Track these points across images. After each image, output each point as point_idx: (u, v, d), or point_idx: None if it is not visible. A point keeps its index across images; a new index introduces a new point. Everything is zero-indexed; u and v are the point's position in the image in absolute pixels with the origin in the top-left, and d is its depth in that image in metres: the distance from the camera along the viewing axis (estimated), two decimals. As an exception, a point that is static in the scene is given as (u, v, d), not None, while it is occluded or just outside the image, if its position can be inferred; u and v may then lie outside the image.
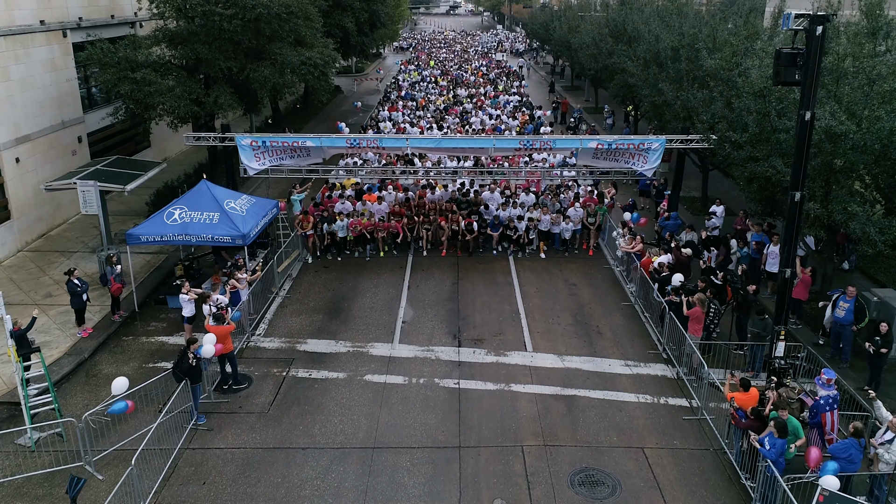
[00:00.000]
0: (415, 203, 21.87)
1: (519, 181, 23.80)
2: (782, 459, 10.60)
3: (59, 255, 20.81)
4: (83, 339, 15.97)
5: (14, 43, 20.96)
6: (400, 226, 20.75)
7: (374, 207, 20.82)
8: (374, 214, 20.81)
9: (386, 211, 20.89)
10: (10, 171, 20.69)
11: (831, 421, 11.25)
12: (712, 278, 16.22)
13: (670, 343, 15.44)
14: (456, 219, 20.67)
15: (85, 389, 14.35)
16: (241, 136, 20.56)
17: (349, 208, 21.17)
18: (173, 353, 14.91)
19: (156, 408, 12.96)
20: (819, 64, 11.86)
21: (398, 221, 20.78)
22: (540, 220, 20.84)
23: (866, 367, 14.12)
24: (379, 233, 20.33)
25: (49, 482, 11.53)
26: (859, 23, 15.88)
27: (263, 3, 21.52)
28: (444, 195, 22.43)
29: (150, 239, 17.03)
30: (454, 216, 20.77)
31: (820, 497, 9.81)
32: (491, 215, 21.27)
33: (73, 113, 23.97)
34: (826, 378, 11.48)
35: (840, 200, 13.90)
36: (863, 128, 13.41)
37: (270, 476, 11.71)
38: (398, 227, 20.48)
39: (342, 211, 21.03)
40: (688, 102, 20.32)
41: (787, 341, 13.36)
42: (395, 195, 22.44)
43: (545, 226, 20.91)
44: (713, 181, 25.59)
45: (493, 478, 11.66)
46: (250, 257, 18.42)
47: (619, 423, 13.16)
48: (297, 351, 15.75)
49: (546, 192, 23.04)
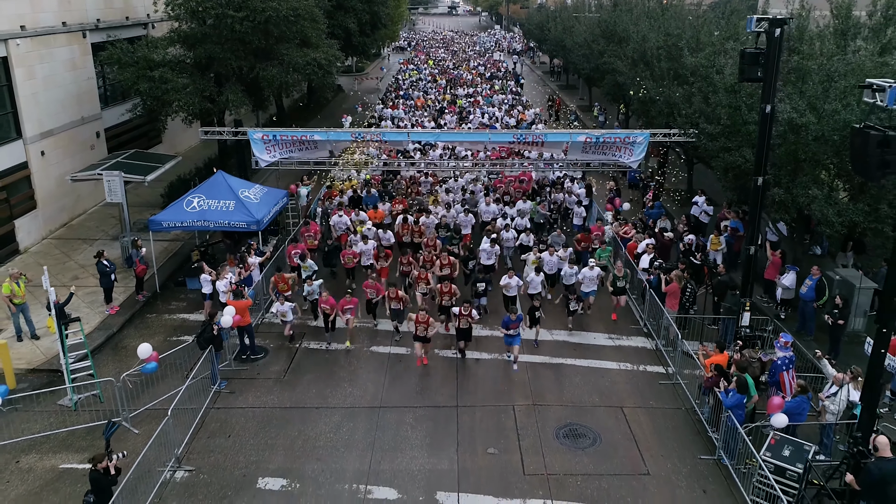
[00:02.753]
0: (409, 229, 19.74)
1: (514, 172, 25.13)
2: (741, 412, 12.00)
3: (82, 242, 22.17)
4: (111, 316, 17.35)
5: (38, 44, 22.32)
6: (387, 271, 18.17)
7: (360, 247, 18.38)
8: (366, 237, 18.99)
9: (371, 251, 18.43)
10: (35, 164, 22.06)
11: (788, 380, 12.66)
12: (691, 259, 17.65)
13: (650, 318, 16.86)
14: (447, 261, 17.42)
15: (115, 360, 15.72)
16: (253, 130, 21.99)
17: (345, 222, 20.15)
18: (194, 329, 16.25)
19: (182, 374, 14.33)
20: (778, 62, 13.26)
21: (382, 271, 18.06)
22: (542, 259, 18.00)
23: (828, 340, 15.55)
24: (345, 313, 15.78)
25: (90, 436, 12.89)
26: (829, 24, 17.33)
27: (273, 6, 22.89)
28: (433, 221, 20.26)
29: (171, 225, 18.40)
30: (441, 259, 17.53)
31: (772, 440, 11.27)
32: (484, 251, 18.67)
33: (91, 110, 25.33)
34: (783, 341, 12.90)
35: (803, 186, 15.30)
36: (822, 121, 14.82)
37: (288, 431, 13.10)
38: (378, 288, 16.64)
39: (336, 225, 20.23)
40: (670, 99, 21.72)
41: (755, 315, 14.88)
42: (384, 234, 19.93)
43: (551, 267, 17.97)
44: (698, 175, 26.95)
45: (487, 432, 13.06)
46: (263, 243, 19.79)
47: (601, 387, 14.57)
48: (307, 326, 17.14)
49: (543, 202, 22.50)
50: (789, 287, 16.86)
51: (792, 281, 16.77)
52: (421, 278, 17.12)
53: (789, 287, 16.86)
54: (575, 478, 11.86)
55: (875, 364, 9.77)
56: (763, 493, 10.92)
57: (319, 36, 27.06)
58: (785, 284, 16.89)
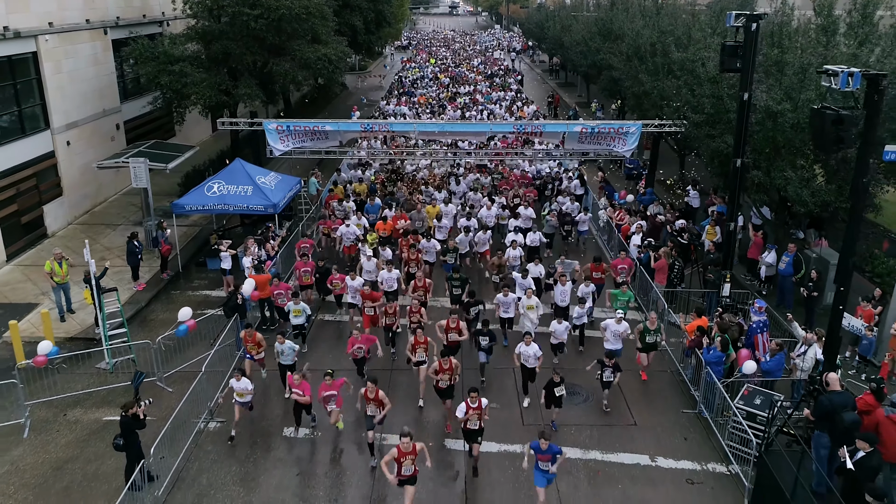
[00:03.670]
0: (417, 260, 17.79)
1: (514, 165, 26.46)
2: (720, 368, 13.30)
3: (105, 227, 23.48)
4: (139, 292, 18.65)
5: (64, 40, 23.62)
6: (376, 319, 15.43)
7: (349, 283, 16.14)
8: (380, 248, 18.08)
9: (359, 288, 15.96)
10: (62, 153, 23.36)
11: (763, 341, 13.96)
12: (678, 239, 18.95)
13: (640, 293, 18.14)
14: (455, 325, 14.18)
15: (144, 331, 16.97)
16: (268, 121, 23.32)
17: (354, 232, 19.42)
18: (216, 304, 17.49)
19: (208, 342, 15.62)
20: (755, 53, 14.56)
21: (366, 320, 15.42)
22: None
23: (804, 312, 16.84)
24: (327, 403, 12.52)
25: (128, 394, 14.10)
26: (810, 20, 18.65)
27: (286, 3, 24.19)
28: (434, 247, 18.54)
29: (193, 208, 19.73)
30: (449, 322, 14.21)
31: (745, 391, 12.57)
32: None
33: (111, 103, 26.65)
34: (758, 306, 14.20)
35: (780, 169, 16.59)
36: (798, 109, 16.11)
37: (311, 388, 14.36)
38: (367, 340, 14.12)
39: (344, 235, 19.37)
40: (662, 91, 23.02)
41: (737, 289, 16.18)
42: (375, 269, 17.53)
43: (563, 299, 16.08)
44: (689, 167, 28.25)
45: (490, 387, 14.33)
46: (278, 226, 21.08)
47: (592, 353, 15.82)
48: (322, 301, 18.41)
49: (552, 211, 21.62)
50: (771, 264, 18.12)
51: (773, 258, 18.05)
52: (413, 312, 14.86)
53: (771, 264, 18.12)
54: (569, 427, 13.16)
55: (835, 317, 11.06)
56: (737, 437, 12.20)
57: (329, 33, 28.38)
58: (767, 262, 18.15)
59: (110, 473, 11.97)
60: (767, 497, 10.66)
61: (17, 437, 13.00)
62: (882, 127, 15.04)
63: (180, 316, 14.50)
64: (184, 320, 14.43)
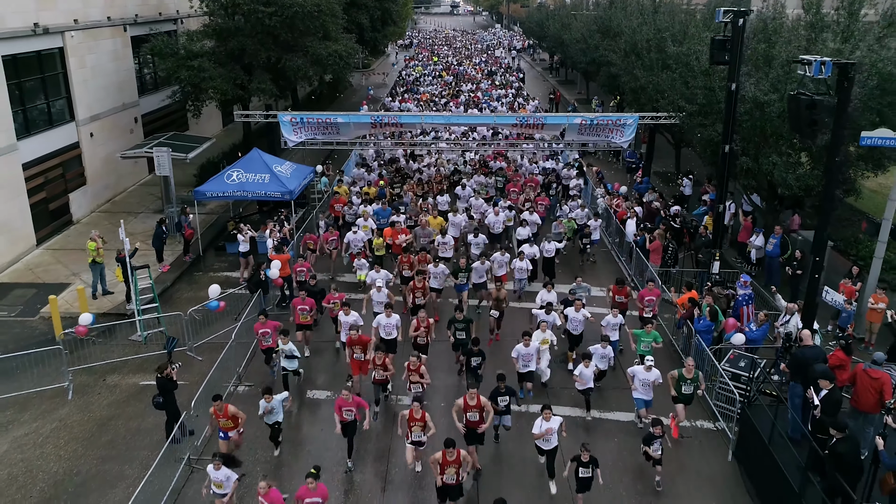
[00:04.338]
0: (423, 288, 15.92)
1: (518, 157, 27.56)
2: (709, 336, 14.44)
3: (127, 214, 24.58)
4: (163, 273, 19.78)
5: (88, 36, 24.76)
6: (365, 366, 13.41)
7: (342, 318, 14.37)
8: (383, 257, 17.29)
9: (353, 324, 14.08)
10: (86, 144, 24.50)
11: (747, 313, 15.10)
12: (672, 223, 20.09)
13: (636, 274, 19.28)
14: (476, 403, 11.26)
15: (172, 307, 18.09)
16: (282, 113, 24.45)
17: (362, 239, 18.68)
18: (236, 284, 18.66)
19: (232, 317, 16.75)
20: (741, 47, 15.70)
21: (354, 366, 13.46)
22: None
23: (790, 291, 17.97)
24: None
25: (161, 360, 15.26)
26: (800, 18, 19.78)
27: (298, 2, 25.33)
28: (443, 272, 16.71)
29: (214, 195, 20.83)
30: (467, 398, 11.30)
31: (731, 355, 13.71)
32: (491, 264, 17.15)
33: (130, 97, 27.80)
34: (744, 281, 15.35)
35: (767, 156, 17.73)
36: (784, 100, 17.23)
37: (326, 357, 15.55)
38: (357, 404, 11.67)
39: (353, 242, 18.64)
40: (658, 85, 24.15)
41: (726, 269, 17.31)
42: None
43: (575, 327, 14.89)
44: (685, 160, 29.40)
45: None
46: (293, 212, 22.23)
47: (591, 327, 16.93)
48: (335, 281, 19.51)
49: (560, 218, 21.36)
50: (759, 247, 19.19)
51: (761, 241, 19.16)
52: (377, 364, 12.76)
53: (759, 247, 19.19)
54: (568, 390, 14.29)
55: (811, 285, 12.18)
56: (723, 397, 13.34)
57: (338, 30, 29.53)
58: (756, 244, 19.23)
59: (150, 429, 13.11)
60: (749, 446, 11.83)
61: (62, 399, 14.15)
62: (863, 117, 16.28)
63: (210, 293, 15.63)
64: (214, 296, 15.55)
